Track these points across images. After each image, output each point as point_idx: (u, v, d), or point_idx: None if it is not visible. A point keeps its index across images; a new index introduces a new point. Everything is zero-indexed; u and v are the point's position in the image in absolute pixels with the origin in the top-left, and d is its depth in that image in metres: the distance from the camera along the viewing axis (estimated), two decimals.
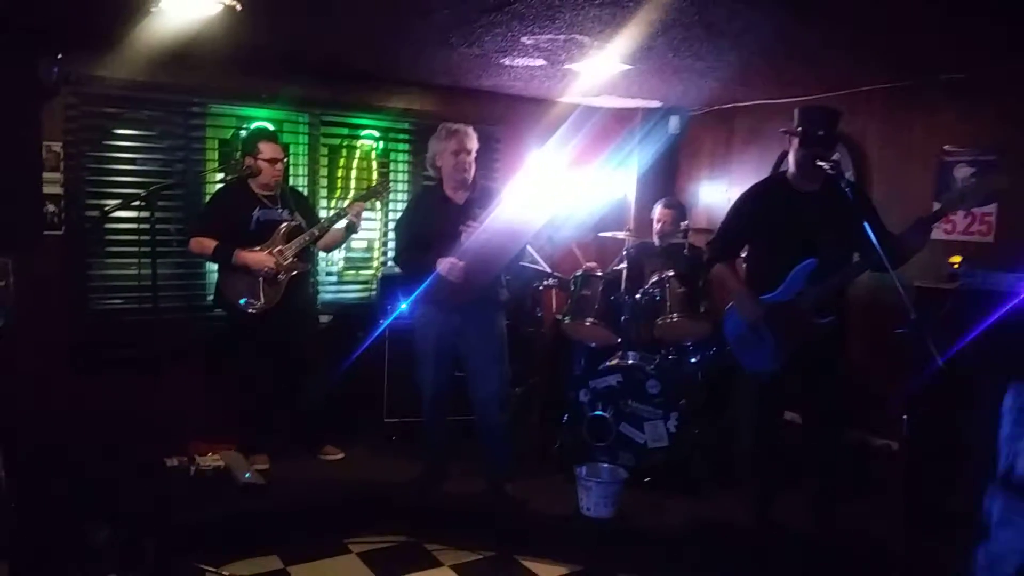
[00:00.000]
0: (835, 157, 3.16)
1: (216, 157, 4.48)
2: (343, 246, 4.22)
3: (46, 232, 3.79)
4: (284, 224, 3.93)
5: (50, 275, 3.92)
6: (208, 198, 4.23)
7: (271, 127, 4.48)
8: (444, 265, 3.40)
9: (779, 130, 3.34)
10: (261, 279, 3.83)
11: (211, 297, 4.44)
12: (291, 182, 4.43)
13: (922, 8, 2.83)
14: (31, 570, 3.03)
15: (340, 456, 4.19)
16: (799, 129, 3.17)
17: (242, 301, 3.83)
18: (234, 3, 2.91)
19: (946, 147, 3.94)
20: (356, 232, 4.10)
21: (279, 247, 3.88)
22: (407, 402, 4.24)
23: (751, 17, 3.06)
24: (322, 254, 4.53)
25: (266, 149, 3.90)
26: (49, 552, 3.09)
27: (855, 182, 4.08)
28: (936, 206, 3.39)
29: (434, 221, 3.54)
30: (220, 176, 4.36)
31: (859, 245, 3.08)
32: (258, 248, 3.84)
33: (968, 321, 2.93)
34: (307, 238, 3.93)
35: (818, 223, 3.14)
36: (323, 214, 4.42)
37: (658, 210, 4.69)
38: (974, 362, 2.80)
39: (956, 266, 3.46)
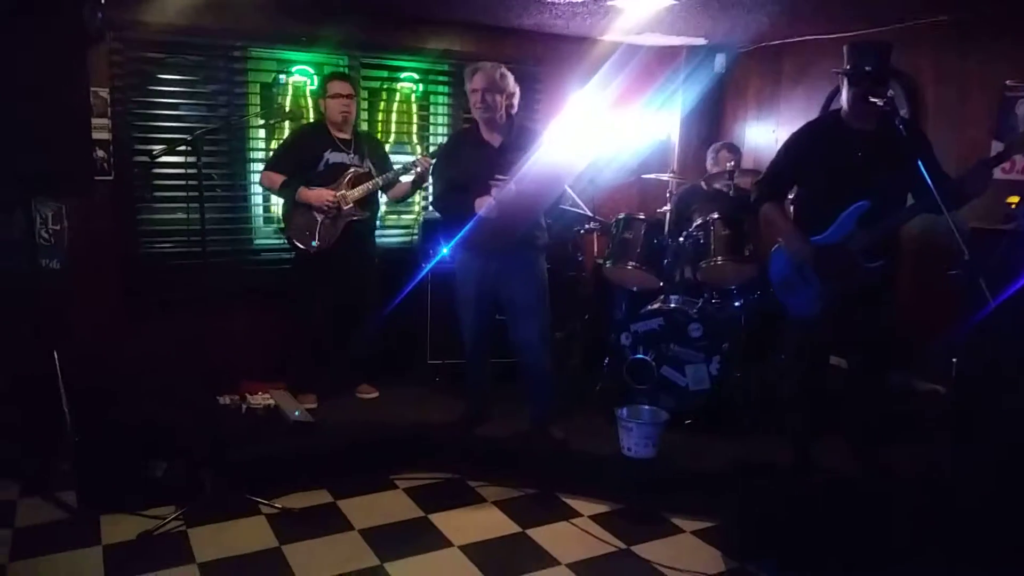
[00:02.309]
0: (888, 94, 3.05)
1: (258, 101, 4.50)
2: (408, 195, 4.29)
3: (97, 178, 3.86)
4: (352, 169, 4.02)
5: (102, 220, 4.03)
6: (286, 136, 4.37)
7: (338, 70, 4.48)
8: (481, 205, 3.39)
9: (831, 69, 3.22)
10: (320, 218, 3.94)
11: (258, 241, 4.56)
12: None
13: None
14: (96, 499, 3.20)
15: (375, 395, 4.29)
16: (848, 66, 3.06)
17: (306, 243, 3.95)
18: None
19: (1008, 82, 3.77)
20: (423, 186, 4.13)
21: (343, 191, 3.95)
22: (450, 344, 4.30)
23: None
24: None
25: (333, 86, 4.00)
26: (112, 484, 3.25)
27: (910, 120, 3.93)
28: (996, 145, 3.26)
29: (469, 164, 3.50)
30: (263, 120, 4.40)
31: (914, 186, 2.99)
32: (323, 188, 3.93)
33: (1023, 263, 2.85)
34: (371, 186, 4.01)
35: (871, 163, 3.04)
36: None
37: (715, 154, 4.60)
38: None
39: (1014, 207, 3.35)
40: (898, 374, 3.78)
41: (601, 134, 5.06)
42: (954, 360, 3.07)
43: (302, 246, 3.97)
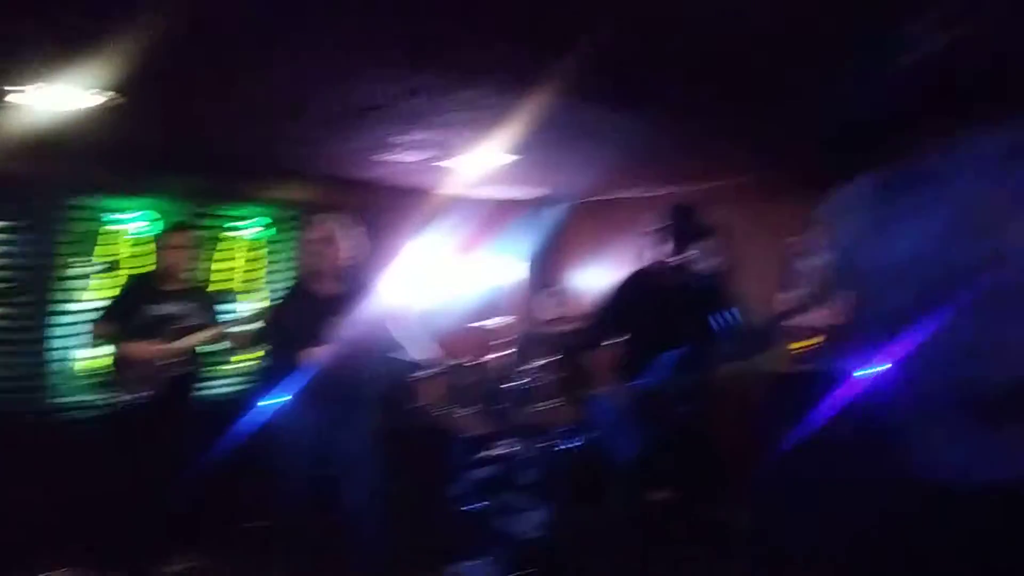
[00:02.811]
0: (696, 251, 3.32)
1: (81, 250, 4.29)
2: (243, 349, 4.14)
3: None
4: (182, 320, 3.85)
5: None
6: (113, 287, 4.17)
7: (177, 218, 4.39)
8: (310, 357, 3.31)
9: (649, 228, 3.50)
10: (143, 372, 3.73)
11: (64, 396, 4.22)
12: None
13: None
14: None
15: (191, 565, 3.91)
16: (662, 224, 3.34)
17: (125, 397, 3.72)
18: (113, 96, 2.84)
19: (796, 238, 4.21)
20: (259, 338, 4.02)
21: (169, 343, 3.77)
22: (273, 504, 4.02)
23: (620, 121, 3.26)
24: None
25: (166, 238, 3.93)
26: None
27: (716, 274, 4.26)
28: (788, 295, 3.58)
29: (300, 315, 3.46)
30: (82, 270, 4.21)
31: (721, 335, 3.21)
32: (150, 341, 3.75)
33: (812, 403, 3.07)
34: (201, 337, 3.86)
35: (683, 313, 3.26)
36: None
37: (544, 300, 4.78)
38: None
39: (805, 351, 3.63)
40: (718, 507, 3.88)
41: (441, 281, 5.17)
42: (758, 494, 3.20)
43: (123, 399, 3.70)
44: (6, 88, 2.75)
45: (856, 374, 3.06)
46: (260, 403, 4.21)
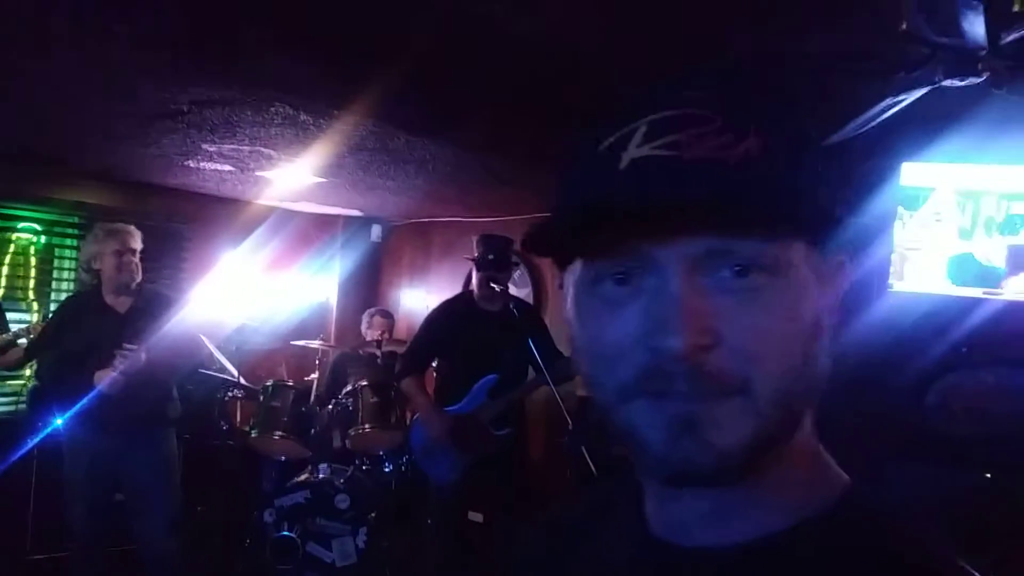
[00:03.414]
0: (507, 280, 3.45)
1: None
2: (12, 364, 3.69)
3: None
4: None
5: None
6: None
7: None
8: (103, 378, 3.04)
9: (463, 256, 3.59)
10: None
11: None
12: None
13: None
14: None
15: None
16: (476, 254, 3.43)
17: None
18: None
19: None
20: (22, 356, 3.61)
21: None
22: (58, 534, 3.65)
23: (430, 148, 3.31)
24: None
25: None
26: None
27: (529, 304, 4.45)
28: None
29: (89, 331, 3.16)
30: None
31: (533, 361, 3.36)
32: None
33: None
34: None
35: (497, 340, 3.37)
36: None
37: (368, 320, 4.71)
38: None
39: None
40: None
41: (253, 297, 4.95)
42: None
43: None
44: None
45: None
46: (41, 425, 3.83)
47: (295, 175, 3.95)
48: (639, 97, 0.57)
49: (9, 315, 3.98)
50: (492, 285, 3.31)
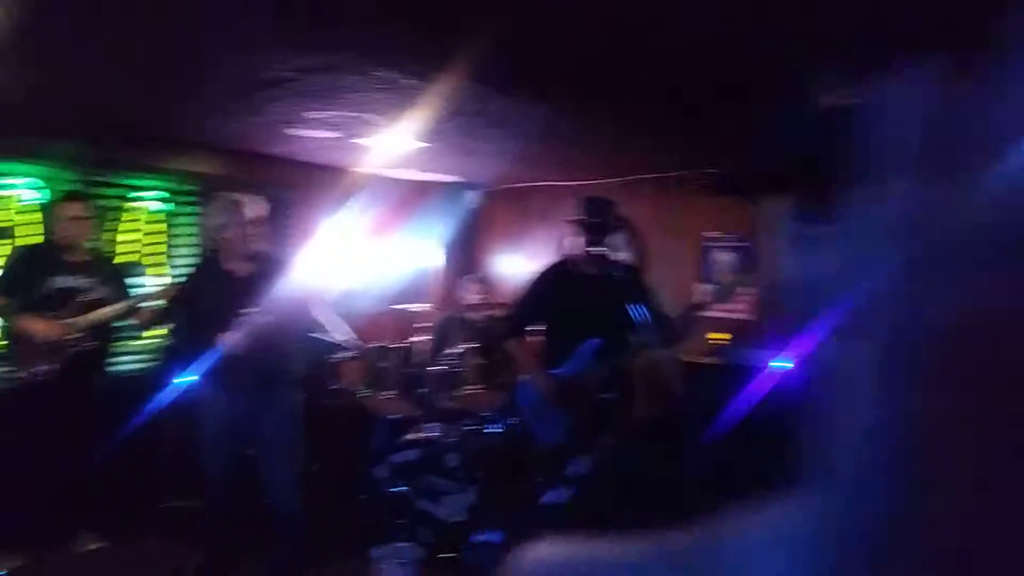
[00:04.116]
0: (610, 243, 3.43)
1: None
2: (151, 324, 3.97)
3: None
4: (84, 294, 3.66)
5: None
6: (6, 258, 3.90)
7: (71, 186, 4.11)
8: (228, 339, 3.23)
9: (563, 219, 3.58)
10: (41, 348, 3.54)
11: None
12: None
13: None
14: None
15: (100, 546, 3.78)
16: (578, 216, 3.42)
17: (22, 373, 3.54)
18: None
19: (707, 233, 4.42)
20: (167, 314, 3.85)
21: (70, 319, 3.58)
22: (189, 485, 3.93)
23: (530, 111, 3.30)
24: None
25: (64, 207, 3.71)
26: None
27: (631, 266, 4.42)
28: (701, 287, 3.77)
29: (214, 296, 3.34)
30: None
31: (637, 325, 3.34)
32: (51, 315, 3.56)
33: (727, 395, 3.26)
34: (103, 314, 3.69)
35: (600, 304, 3.37)
36: None
37: (468, 285, 4.80)
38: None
39: (719, 342, 3.86)
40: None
41: (356, 262, 5.10)
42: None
43: (18, 377, 3.51)
44: None
45: (771, 366, 3.30)
46: (172, 382, 4.10)
47: (395, 141, 4.01)
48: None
49: (134, 280, 4.25)
50: (595, 248, 3.30)
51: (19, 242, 4.01)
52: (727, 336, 3.93)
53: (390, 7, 2.22)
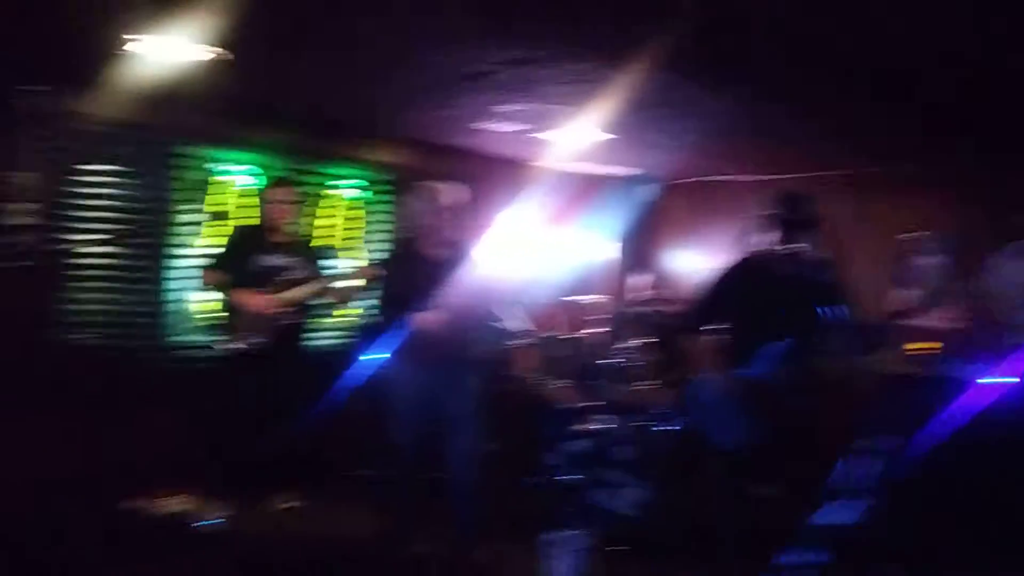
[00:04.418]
0: (807, 241, 3.27)
1: (191, 198, 4.45)
2: (346, 303, 4.32)
3: (16, 262, 3.70)
4: (288, 272, 4.00)
5: (19, 305, 3.82)
6: (225, 237, 4.31)
7: (281, 173, 4.51)
8: (422, 320, 3.40)
9: (755, 213, 3.45)
10: (251, 320, 3.88)
11: (178, 337, 4.43)
12: None
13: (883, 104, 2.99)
14: None
15: (294, 505, 4.12)
16: (773, 211, 3.28)
17: (235, 343, 3.89)
18: (213, 52, 2.92)
19: (909, 234, 4.10)
20: (358, 293, 4.15)
21: (276, 293, 3.89)
22: (375, 454, 4.19)
23: (719, 101, 3.21)
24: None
25: (272, 192, 4.07)
26: None
27: (826, 266, 4.19)
28: (903, 292, 3.51)
29: (411, 279, 3.53)
30: (192, 217, 4.37)
31: (831, 328, 3.17)
32: (258, 291, 3.89)
33: (932, 406, 3.03)
34: (305, 290, 4.01)
35: (792, 304, 3.22)
36: None
37: (641, 280, 4.75)
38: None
39: (923, 352, 3.57)
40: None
41: (534, 252, 5.19)
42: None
43: (233, 346, 3.89)
44: (123, 37, 2.83)
45: (980, 382, 3.03)
46: (365, 357, 4.38)
47: (579, 134, 4.04)
48: None
49: (332, 262, 4.56)
50: (791, 245, 3.16)
51: (236, 224, 4.43)
52: (934, 346, 3.63)
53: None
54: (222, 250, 4.13)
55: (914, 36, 2.22)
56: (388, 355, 3.90)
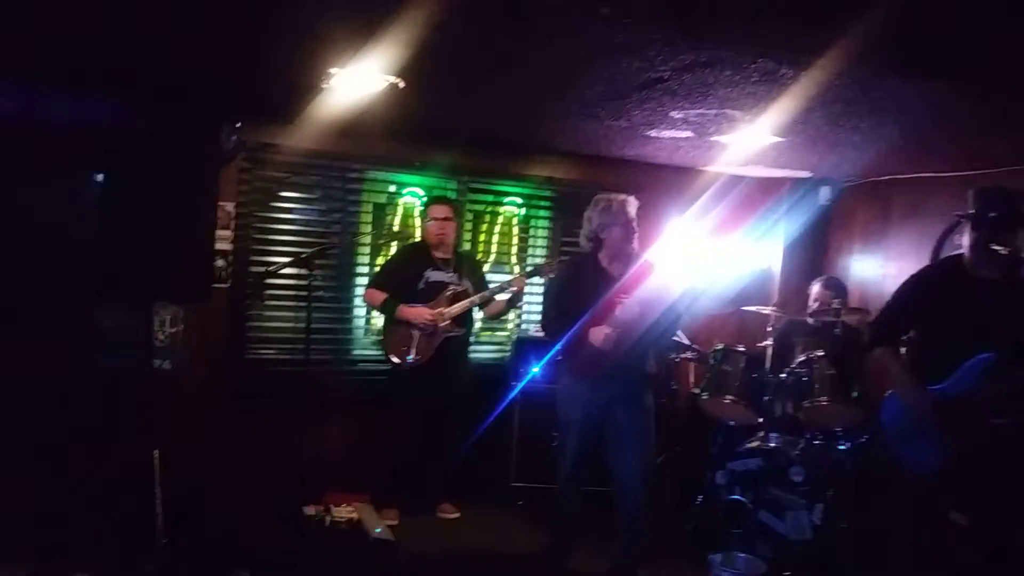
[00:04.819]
0: (1014, 241, 2.91)
1: (370, 220, 4.71)
2: (505, 315, 4.43)
3: (215, 285, 4.07)
4: (451, 287, 4.15)
5: (215, 325, 4.22)
6: (388, 256, 4.57)
7: (444, 193, 4.69)
8: (598, 335, 3.34)
9: (950, 211, 3.12)
10: (418, 334, 4.04)
11: (357, 352, 4.67)
12: None
13: None
14: None
15: (456, 515, 4.22)
16: (972, 210, 2.95)
17: (402, 358, 4.06)
18: (398, 81, 3.07)
19: None
20: (518, 306, 4.22)
21: (441, 308, 4.03)
22: (536, 467, 4.21)
23: (914, 92, 2.92)
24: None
25: (431, 210, 4.23)
26: None
27: None
28: None
29: (588, 291, 3.47)
30: (373, 238, 4.63)
31: None
32: (422, 306, 4.05)
33: None
34: (467, 304, 4.13)
35: (996, 314, 2.88)
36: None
37: (816, 289, 4.43)
38: None
39: None
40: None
41: (700, 262, 5.01)
42: None
43: (398, 360, 4.05)
44: (323, 72, 3.03)
45: None
46: (535, 370, 4.42)
47: (752, 137, 3.85)
48: None
49: (494, 276, 4.66)
50: (993, 248, 2.82)
51: (404, 240, 4.63)
52: None
53: None
54: (390, 266, 4.32)
55: None
56: (555, 368, 3.89)
